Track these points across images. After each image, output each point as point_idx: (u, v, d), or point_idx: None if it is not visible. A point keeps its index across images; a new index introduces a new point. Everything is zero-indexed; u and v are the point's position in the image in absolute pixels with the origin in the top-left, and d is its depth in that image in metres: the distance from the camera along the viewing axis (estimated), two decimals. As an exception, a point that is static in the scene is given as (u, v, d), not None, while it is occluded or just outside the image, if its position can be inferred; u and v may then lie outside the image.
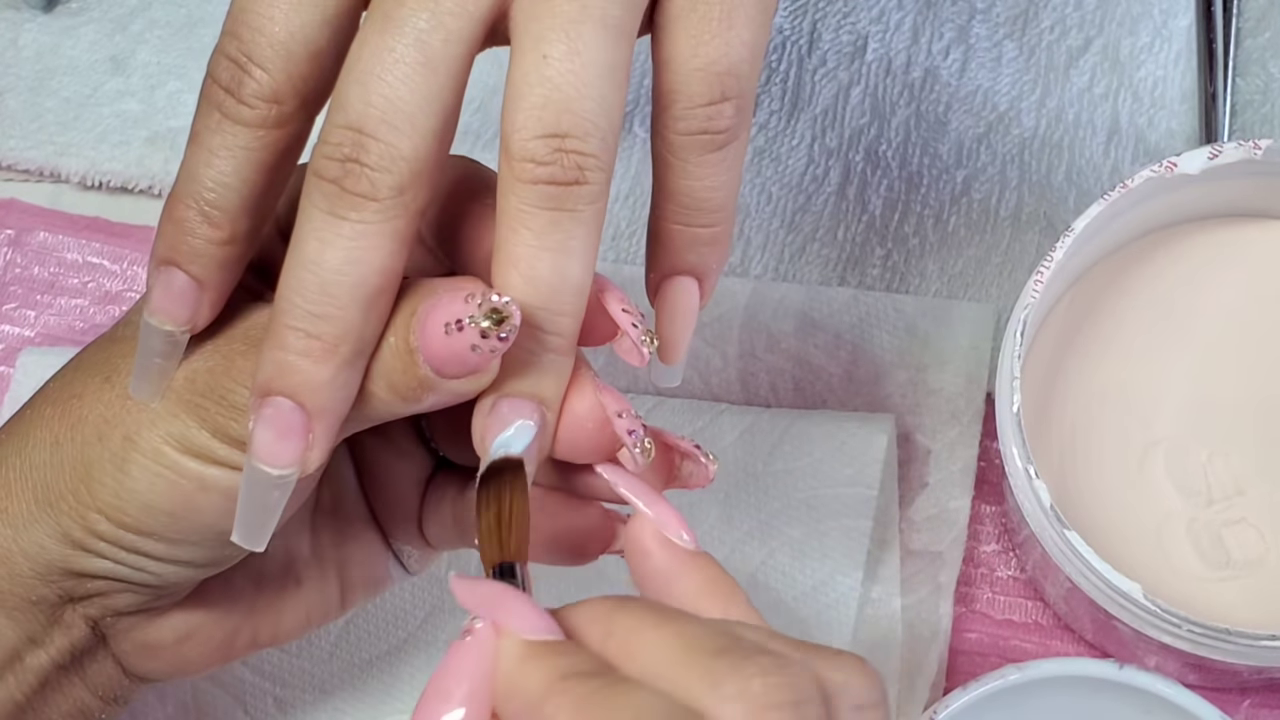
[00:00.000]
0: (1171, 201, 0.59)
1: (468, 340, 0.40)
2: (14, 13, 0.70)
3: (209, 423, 0.43)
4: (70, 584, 0.46)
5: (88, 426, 0.45)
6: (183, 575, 0.46)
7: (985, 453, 0.63)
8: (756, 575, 0.60)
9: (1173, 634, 0.53)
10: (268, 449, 0.41)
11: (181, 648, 0.48)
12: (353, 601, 0.51)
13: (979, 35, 0.67)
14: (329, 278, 0.40)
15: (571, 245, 0.41)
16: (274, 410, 0.41)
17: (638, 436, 0.43)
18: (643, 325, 0.44)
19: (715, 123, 0.43)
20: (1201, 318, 0.60)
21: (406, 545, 0.50)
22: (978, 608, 0.62)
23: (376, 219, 0.40)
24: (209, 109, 0.42)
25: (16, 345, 0.67)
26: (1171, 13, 0.67)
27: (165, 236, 0.43)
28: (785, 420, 0.62)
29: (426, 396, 0.42)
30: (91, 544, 0.45)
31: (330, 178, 0.40)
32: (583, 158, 0.40)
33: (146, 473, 0.44)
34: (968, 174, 0.66)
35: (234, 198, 0.43)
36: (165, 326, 0.43)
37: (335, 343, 0.41)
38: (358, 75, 0.40)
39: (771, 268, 0.65)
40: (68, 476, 0.45)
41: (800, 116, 0.67)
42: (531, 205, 0.41)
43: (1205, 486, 0.58)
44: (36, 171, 0.69)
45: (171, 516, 0.44)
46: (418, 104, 0.40)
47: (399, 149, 0.40)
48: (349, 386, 0.41)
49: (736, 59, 0.43)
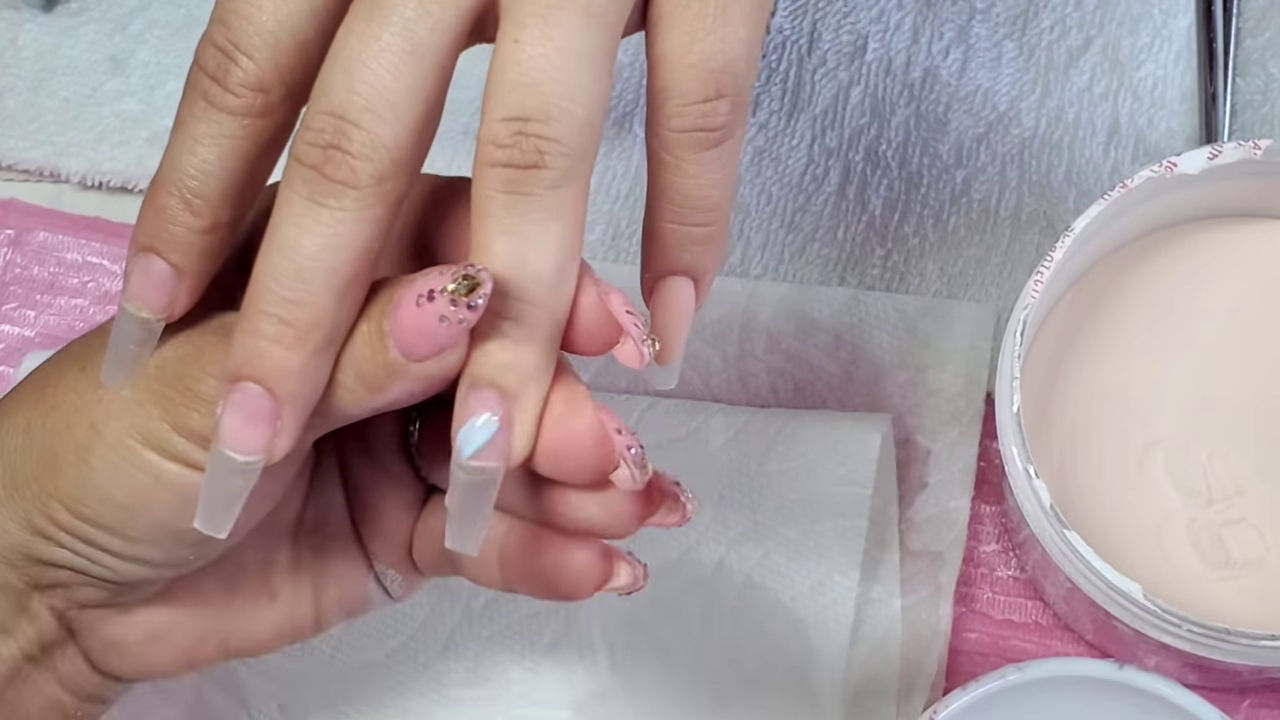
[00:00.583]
0: (1171, 202, 0.59)
1: (437, 310, 0.40)
2: (13, 12, 0.70)
3: (170, 414, 0.43)
4: (35, 571, 0.46)
5: (59, 414, 0.45)
6: (141, 573, 0.45)
7: (985, 453, 0.63)
8: (753, 575, 0.60)
9: (1173, 634, 0.53)
10: (234, 434, 0.41)
11: (148, 647, 0.48)
12: (328, 622, 0.50)
13: (979, 35, 0.67)
14: (305, 264, 0.40)
15: (528, 230, 0.40)
16: (243, 395, 0.41)
17: (636, 454, 0.43)
18: (644, 327, 0.44)
19: (710, 120, 0.43)
20: (1202, 318, 0.60)
21: (392, 569, 0.50)
22: (978, 608, 0.62)
23: (356, 207, 0.40)
24: (194, 96, 0.42)
25: (16, 345, 0.67)
26: (1171, 13, 0.67)
27: (146, 224, 0.43)
28: (779, 420, 0.62)
29: (393, 384, 0.41)
30: (52, 532, 0.45)
31: (311, 164, 0.40)
32: (544, 141, 0.40)
33: (106, 464, 0.43)
34: (968, 174, 0.66)
35: (216, 186, 0.42)
36: (141, 313, 0.43)
37: (308, 329, 0.40)
38: (342, 62, 0.40)
39: (771, 268, 0.65)
40: (34, 463, 0.45)
41: (800, 116, 0.67)
42: (492, 189, 0.40)
43: (1205, 486, 0.58)
44: (36, 171, 0.69)
45: (128, 511, 0.44)
46: (402, 93, 0.40)
47: (381, 137, 0.40)
48: (320, 374, 0.41)
49: (731, 55, 0.42)
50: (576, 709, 0.60)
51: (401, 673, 0.61)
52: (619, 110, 0.68)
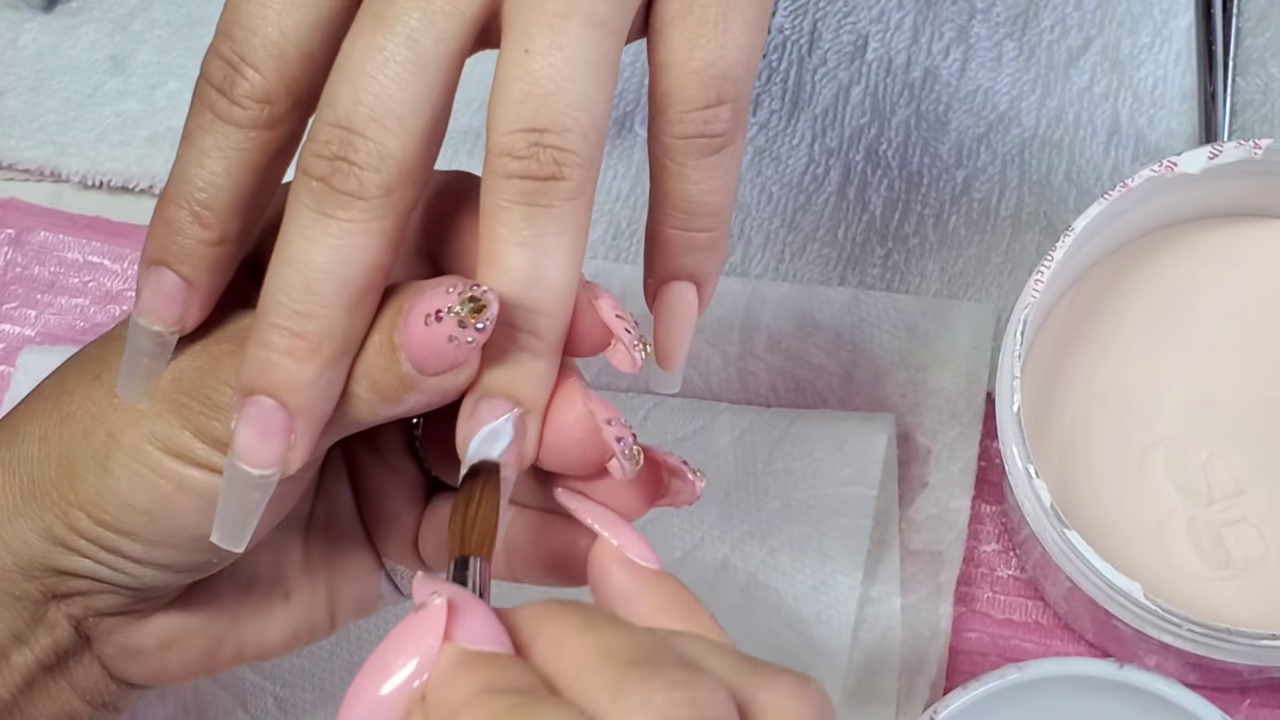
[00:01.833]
0: (1172, 201, 0.59)
1: (445, 331, 0.40)
2: (14, 12, 0.70)
3: (191, 423, 0.43)
4: (53, 581, 0.46)
5: (75, 423, 0.45)
6: (162, 579, 0.45)
7: (985, 452, 0.63)
8: (757, 574, 0.60)
9: (1173, 634, 0.53)
10: (249, 448, 0.41)
11: (164, 654, 0.48)
12: (342, 620, 0.50)
13: (979, 35, 0.67)
14: (314, 276, 0.40)
15: (546, 242, 0.40)
16: (256, 409, 0.41)
17: (626, 444, 0.42)
18: (636, 331, 0.43)
19: (711, 126, 0.43)
20: (1202, 317, 0.60)
21: (400, 565, 0.50)
22: (978, 607, 0.62)
23: (364, 218, 0.40)
24: (201, 109, 0.42)
25: (17, 344, 0.67)
26: (1172, 12, 0.67)
27: (156, 237, 0.43)
28: (785, 420, 0.62)
29: (408, 396, 0.41)
30: (72, 541, 0.45)
31: (318, 176, 0.40)
32: (560, 153, 0.40)
33: (127, 471, 0.43)
34: (968, 174, 0.66)
35: (225, 198, 0.42)
36: (154, 327, 0.43)
37: (319, 342, 0.40)
38: (348, 73, 0.40)
39: (772, 267, 0.65)
40: (53, 472, 0.45)
41: (800, 116, 0.67)
42: (508, 200, 0.40)
43: (1205, 486, 0.58)
44: (37, 171, 0.69)
45: (149, 516, 0.44)
46: (408, 103, 0.40)
47: (388, 148, 0.40)
48: (333, 386, 0.41)
49: (732, 62, 0.42)
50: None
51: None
52: (619, 110, 0.67)
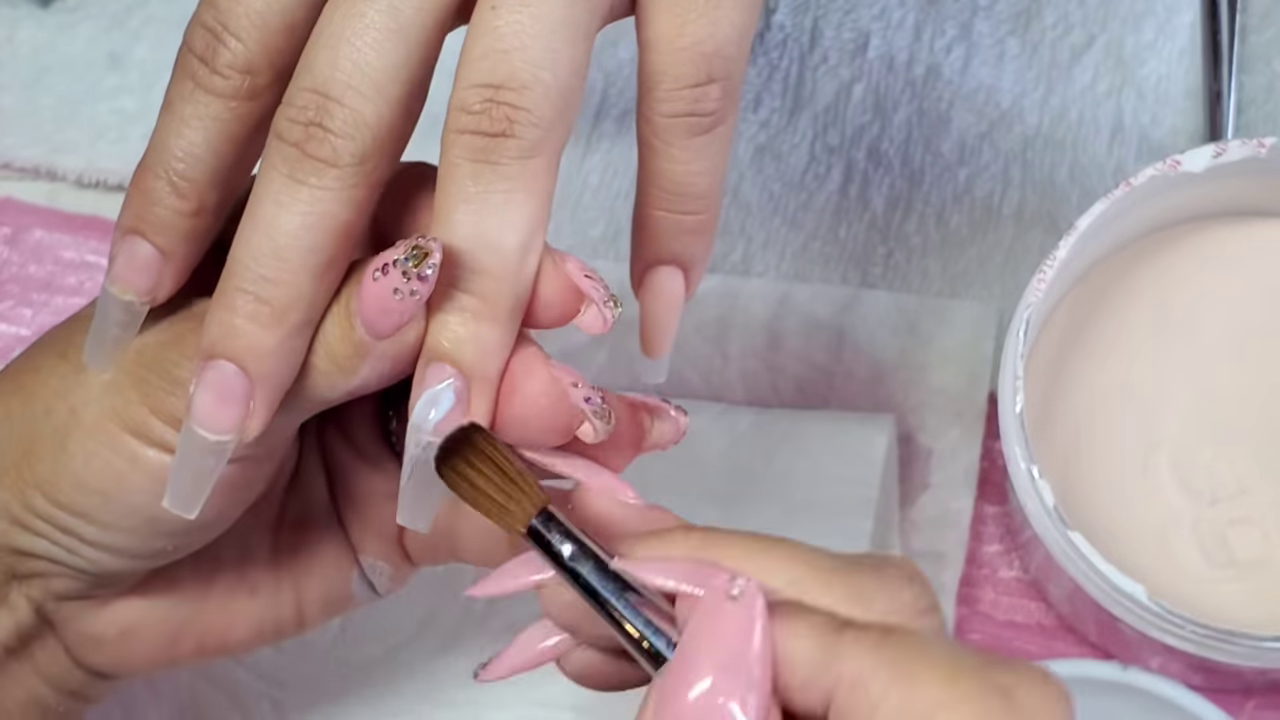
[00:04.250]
0: (1175, 200, 0.58)
1: (391, 283, 0.39)
2: (10, 9, 0.70)
3: (150, 398, 0.43)
4: (11, 560, 0.45)
5: (38, 401, 0.44)
6: (117, 565, 0.45)
7: (988, 453, 0.62)
8: (757, 576, 0.60)
9: (1177, 635, 0.53)
10: (206, 412, 0.41)
11: (124, 641, 0.47)
12: (311, 619, 0.49)
13: (981, 32, 0.67)
14: (283, 242, 0.40)
15: (491, 199, 0.40)
16: (216, 374, 0.40)
17: (595, 404, 0.42)
18: (606, 290, 0.42)
19: (701, 105, 0.42)
20: (1205, 317, 0.60)
21: (382, 561, 0.49)
22: (980, 609, 0.61)
23: (336, 185, 0.40)
24: (182, 77, 0.42)
25: (13, 344, 0.67)
26: (1175, 9, 0.67)
27: (132, 206, 0.43)
28: (785, 420, 0.62)
29: (361, 364, 0.41)
30: (29, 521, 0.44)
31: (292, 141, 0.40)
32: (514, 110, 0.39)
33: (83, 450, 0.43)
34: (970, 172, 0.66)
35: (203, 169, 0.42)
36: (125, 296, 0.43)
37: (284, 309, 0.40)
38: (326, 39, 0.40)
39: (773, 266, 0.65)
40: (13, 450, 0.44)
41: (802, 114, 0.67)
42: (458, 156, 0.40)
43: (1209, 486, 0.58)
44: (33, 169, 0.68)
45: (103, 496, 0.43)
46: (385, 71, 0.40)
47: (363, 115, 0.40)
48: (294, 355, 0.41)
49: (724, 39, 0.42)
50: (578, 709, 0.60)
51: (399, 672, 0.61)
52: (621, 107, 0.67)
